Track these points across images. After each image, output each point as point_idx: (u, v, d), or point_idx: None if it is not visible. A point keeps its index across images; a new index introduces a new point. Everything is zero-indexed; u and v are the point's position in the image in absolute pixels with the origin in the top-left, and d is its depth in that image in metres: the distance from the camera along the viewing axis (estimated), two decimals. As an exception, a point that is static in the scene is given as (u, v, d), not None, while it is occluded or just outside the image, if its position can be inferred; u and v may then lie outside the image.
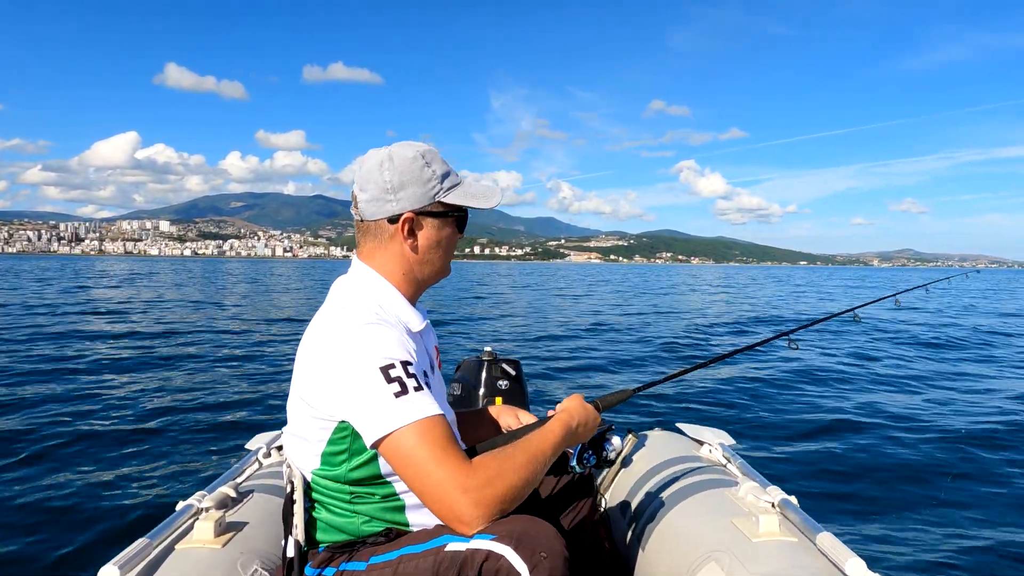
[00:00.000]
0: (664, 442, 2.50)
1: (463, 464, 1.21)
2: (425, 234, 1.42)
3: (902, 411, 6.81)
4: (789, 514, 1.71)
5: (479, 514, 1.19)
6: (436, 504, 1.21)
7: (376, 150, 1.42)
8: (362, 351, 1.25)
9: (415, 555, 1.29)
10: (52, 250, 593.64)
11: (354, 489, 1.36)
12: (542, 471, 1.32)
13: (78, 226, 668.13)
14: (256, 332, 13.90)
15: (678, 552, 1.74)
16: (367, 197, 1.39)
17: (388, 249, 1.42)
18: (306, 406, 1.34)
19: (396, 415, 1.21)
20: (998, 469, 4.92)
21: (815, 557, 1.52)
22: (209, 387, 7.83)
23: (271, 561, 1.65)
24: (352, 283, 1.43)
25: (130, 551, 1.48)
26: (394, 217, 1.39)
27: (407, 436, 1.21)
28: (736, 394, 7.66)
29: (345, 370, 1.25)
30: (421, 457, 1.20)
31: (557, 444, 1.38)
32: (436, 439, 1.21)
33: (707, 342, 13.27)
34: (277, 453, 2.31)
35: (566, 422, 1.44)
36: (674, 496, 1.98)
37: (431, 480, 1.20)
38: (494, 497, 1.20)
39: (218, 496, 1.82)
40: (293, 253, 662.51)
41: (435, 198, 1.40)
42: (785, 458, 5.12)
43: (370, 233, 1.42)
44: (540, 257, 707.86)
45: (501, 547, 1.19)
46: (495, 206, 1.46)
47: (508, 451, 1.29)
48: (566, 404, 1.53)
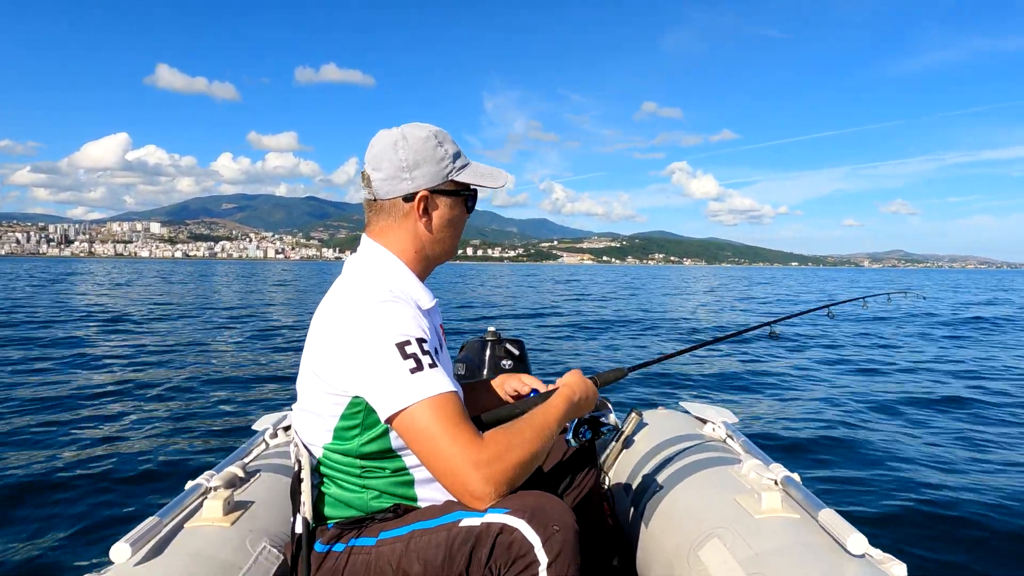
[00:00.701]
0: (667, 420, 2.52)
1: (475, 440, 1.22)
2: (439, 212, 1.43)
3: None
4: (791, 491, 1.72)
5: (491, 489, 1.20)
6: (448, 479, 1.22)
7: (387, 131, 1.42)
8: (378, 328, 1.26)
9: (427, 530, 1.30)
10: (41, 252, 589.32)
11: (365, 463, 1.37)
12: (548, 444, 1.33)
13: (67, 228, 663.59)
14: (258, 318, 13.96)
15: (681, 529, 1.75)
16: (382, 176, 1.40)
17: (402, 227, 1.42)
18: (319, 381, 1.34)
19: (412, 390, 1.22)
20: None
21: (817, 533, 1.53)
22: (214, 369, 8.01)
23: (279, 538, 1.65)
24: (365, 261, 1.43)
25: (140, 529, 1.48)
26: (409, 195, 1.40)
27: (422, 411, 1.21)
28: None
29: (361, 346, 1.26)
30: (435, 432, 1.21)
31: (561, 417, 1.40)
32: (449, 415, 1.22)
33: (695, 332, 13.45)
34: (284, 433, 2.31)
35: (568, 396, 1.46)
36: (677, 473, 1.99)
37: (444, 455, 1.20)
38: (504, 472, 1.21)
39: (226, 475, 1.81)
40: (285, 255, 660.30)
41: (448, 177, 1.42)
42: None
43: (383, 212, 1.43)
44: (533, 259, 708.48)
45: (515, 520, 1.21)
46: (503, 186, 1.48)
47: (516, 426, 1.30)
48: (567, 379, 1.55)
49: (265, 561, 1.56)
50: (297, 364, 1.44)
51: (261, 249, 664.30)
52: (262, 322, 14.10)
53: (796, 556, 1.45)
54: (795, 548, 1.48)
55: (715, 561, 1.55)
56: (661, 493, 1.95)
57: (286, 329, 12.97)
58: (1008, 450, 5.03)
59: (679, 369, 8.47)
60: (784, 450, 4.91)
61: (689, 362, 9.09)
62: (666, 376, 7.91)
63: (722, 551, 1.56)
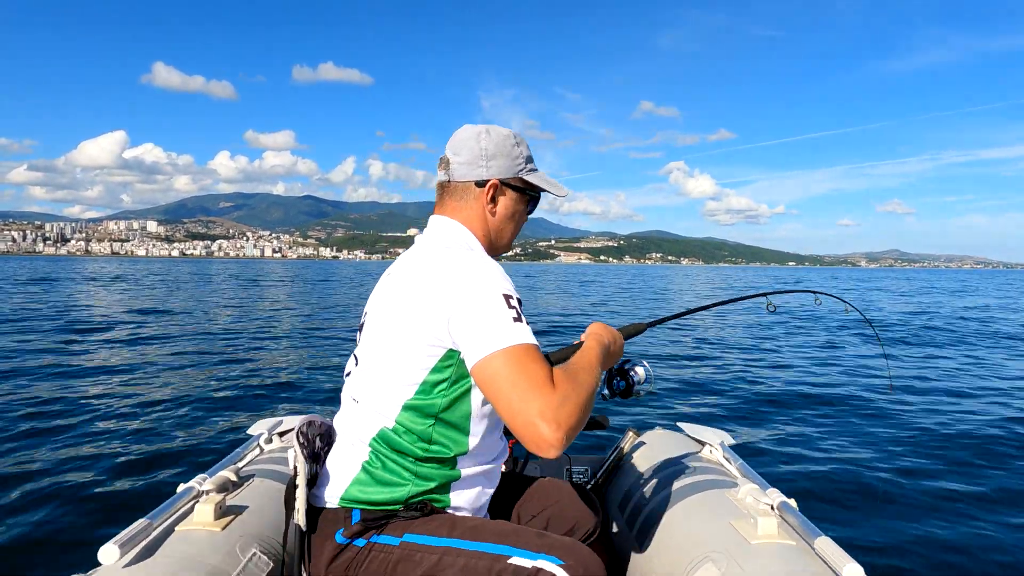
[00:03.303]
0: (664, 441, 2.49)
1: (553, 390, 1.19)
2: (504, 203, 1.53)
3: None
4: (788, 517, 1.70)
5: (562, 435, 1.15)
6: (525, 426, 1.16)
7: (473, 125, 1.55)
8: (487, 279, 1.31)
9: (464, 552, 1.32)
10: (37, 250, 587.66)
11: (436, 434, 1.38)
12: (596, 388, 1.31)
13: (64, 226, 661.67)
14: (255, 321, 13.92)
15: (675, 552, 1.73)
16: (461, 160, 1.50)
17: (472, 208, 1.51)
18: (413, 332, 1.34)
19: (513, 335, 1.23)
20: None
21: (813, 561, 1.51)
22: (210, 373, 7.94)
23: (269, 545, 1.65)
24: (446, 231, 1.49)
25: (130, 531, 1.47)
26: (482, 181, 1.50)
27: (521, 354, 1.20)
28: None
29: (471, 293, 1.28)
30: (526, 377, 1.18)
31: (602, 359, 1.42)
32: (542, 364, 1.21)
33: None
34: (278, 439, 2.30)
35: (599, 340, 1.49)
36: (673, 496, 1.98)
37: (526, 399, 1.16)
38: (570, 416, 1.17)
39: (219, 480, 1.81)
40: (282, 254, 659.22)
41: (519, 174, 1.54)
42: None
43: (456, 193, 1.52)
44: (530, 258, 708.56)
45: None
46: (565, 196, 1.62)
47: (570, 368, 1.28)
48: (593, 327, 1.57)
49: (255, 568, 1.56)
50: (298, 368, 1.44)
51: (258, 248, 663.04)
52: (262, 324, 14.09)
53: None
54: (790, 575, 1.46)
55: None
56: (656, 515, 1.93)
57: (286, 331, 12.96)
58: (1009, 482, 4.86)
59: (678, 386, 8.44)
60: (781, 474, 4.81)
61: (688, 376, 9.11)
62: (666, 395, 7.85)
63: None
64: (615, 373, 1.74)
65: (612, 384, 1.72)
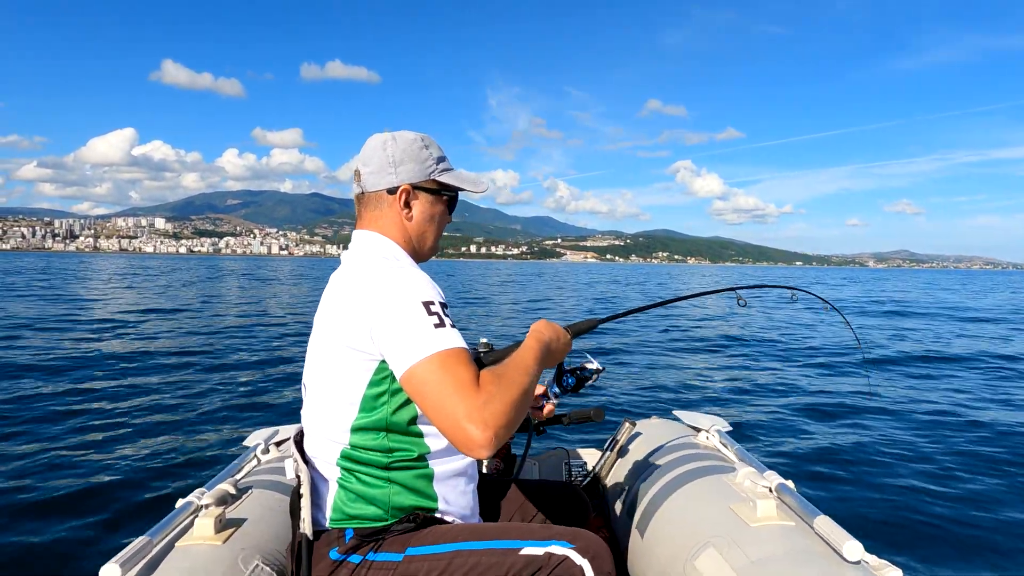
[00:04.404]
0: (661, 430, 2.52)
1: (477, 390, 1.20)
2: (419, 207, 1.52)
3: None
4: (786, 498, 1.72)
5: (491, 434, 1.15)
6: (452, 430, 1.18)
7: (379, 133, 1.55)
8: (405, 288, 1.32)
9: (474, 552, 1.33)
10: (46, 247, 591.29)
11: (393, 443, 1.38)
12: (532, 385, 1.31)
13: (72, 223, 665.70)
14: (254, 329, 13.92)
15: (676, 538, 1.75)
16: (370, 170, 1.50)
17: (387, 217, 1.51)
18: (343, 350, 1.36)
19: (434, 342, 1.24)
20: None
21: (813, 540, 1.53)
22: (204, 384, 7.81)
23: (272, 556, 1.65)
24: (367, 246, 1.49)
25: (131, 549, 1.47)
26: (392, 189, 1.50)
27: (443, 360, 1.22)
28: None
29: (389, 304, 1.30)
30: (447, 383, 1.19)
31: (536, 356, 1.39)
32: (466, 366, 1.22)
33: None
34: (276, 449, 2.30)
35: (537, 337, 1.48)
36: (672, 483, 1.99)
37: (450, 404, 1.18)
38: (497, 414, 1.17)
39: (217, 493, 1.81)
40: (289, 251, 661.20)
41: (430, 176, 1.53)
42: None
43: (371, 204, 1.52)
44: (537, 256, 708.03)
45: (578, 558, 1.35)
46: (483, 191, 1.59)
47: (498, 369, 1.28)
48: (535, 326, 1.57)
49: None
50: (291, 375, 1.45)
51: (265, 245, 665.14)
52: (260, 329, 14.01)
53: (792, 564, 1.46)
54: (791, 556, 1.48)
55: (711, 570, 1.55)
56: (655, 503, 1.95)
57: (283, 337, 12.84)
58: (1008, 457, 5.00)
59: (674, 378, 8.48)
60: (779, 456, 4.91)
61: (682, 369, 9.18)
62: (660, 386, 7.93)
63: (718, 560, 1.56)
64: (564, 371, 1.72)
65: (561, 381, 1.71)
